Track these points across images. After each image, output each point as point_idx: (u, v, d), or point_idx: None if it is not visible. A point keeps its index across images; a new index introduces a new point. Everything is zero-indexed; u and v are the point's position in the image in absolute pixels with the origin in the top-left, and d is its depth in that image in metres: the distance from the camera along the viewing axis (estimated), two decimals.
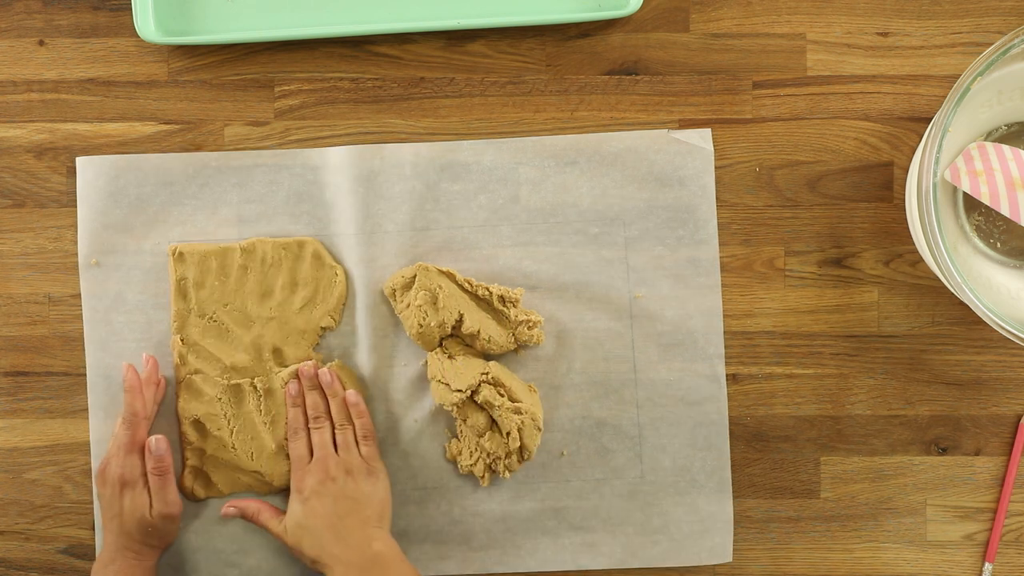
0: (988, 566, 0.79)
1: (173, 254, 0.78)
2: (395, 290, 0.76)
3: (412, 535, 0.78)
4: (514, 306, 0.77)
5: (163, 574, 0.78)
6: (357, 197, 0.78)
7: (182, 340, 0.78)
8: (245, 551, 0.78)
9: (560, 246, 0.78)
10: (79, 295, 0.79)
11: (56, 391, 0.80)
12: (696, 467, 0.78)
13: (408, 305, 0.76)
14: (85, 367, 0.79)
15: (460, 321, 0.75)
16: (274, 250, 0.78)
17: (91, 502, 0.80)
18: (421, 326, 0.75)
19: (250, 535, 0.78)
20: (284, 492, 0.78)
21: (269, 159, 0.78)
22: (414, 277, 0.76)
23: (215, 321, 0.78)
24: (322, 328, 0.78)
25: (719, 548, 0.78)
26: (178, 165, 0.78)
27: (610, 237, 0.78)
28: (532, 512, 0.79)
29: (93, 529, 0.80)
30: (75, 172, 0.79)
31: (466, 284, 0.77)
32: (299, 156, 0.78)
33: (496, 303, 0.76)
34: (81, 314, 0.79)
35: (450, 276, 0.76)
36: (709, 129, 0.78)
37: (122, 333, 0.78)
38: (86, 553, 0.80)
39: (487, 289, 0.76)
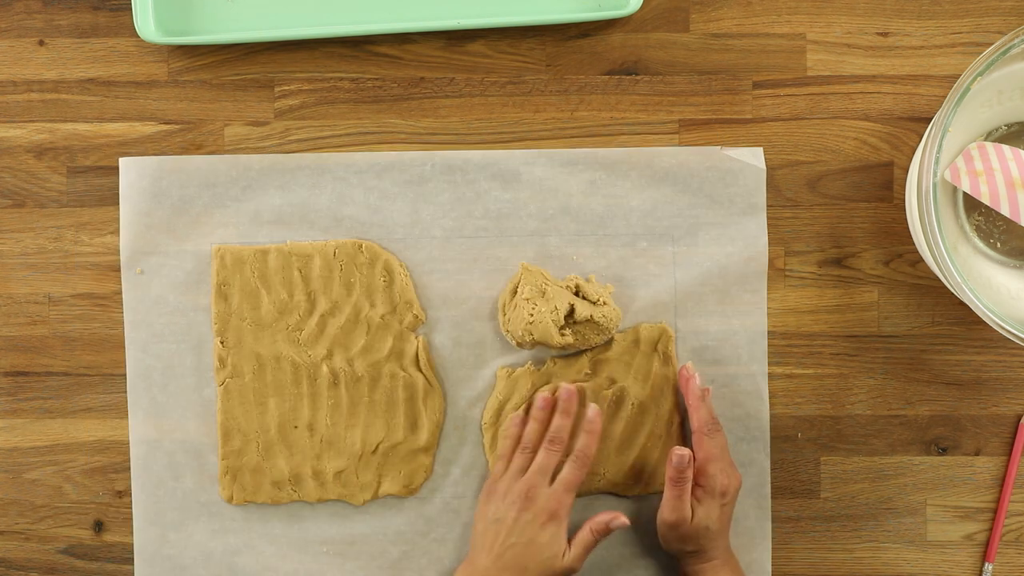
0: (988, 566, 0.79)
1: (216, 255, 0.78)
2: (504, 304, 0.77)
3: (450, 541, 0.78)
4: (605, 304, 0.76)
5: (201, 573, 0.79)
6: (406, 202, 0.78)
7: (222, 343, 0.78)
8: (283, 555, 0.78)
9: (607, 259, 0.78)
10: (79, 295, 0.79)
11: (56, 391, 0.80)
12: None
13: (515, 307, 0.75)
14: (85, 367, 0.79)
15: (572, 310, 0.75)
16: (321, 252, 0.78)
17: (91, 502, 0.80)
18: (531, 315, 0.74)
19: (289, 539, 0.78)
20: (316, 505, 0.79)
21: (312, 162, 0.78)
22: (517, 284, 0.76)
23: (256, 324, 0.78)
24: (412, 323, 0.78)
25: (756, 565, 0.78)
26: (221, 167, 0.78)
27: (658, 252, 0.78)
28: (572, 526, 0.78)
29: (93, 529, 0.80)
30: (75, 172, 0.79)
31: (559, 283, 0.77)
32: (342, 159, 0.78)
33: (590, 298, 0.76)
34: (80, 314, 0.79)
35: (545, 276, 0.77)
36: (761, 148, 0.78)
37: (162, 334, 0.78)
38: (86, 553, 0.80)
39: (577, 285, 0.77)
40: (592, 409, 0.75)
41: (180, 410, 0.78)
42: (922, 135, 0.78)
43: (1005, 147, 0.70)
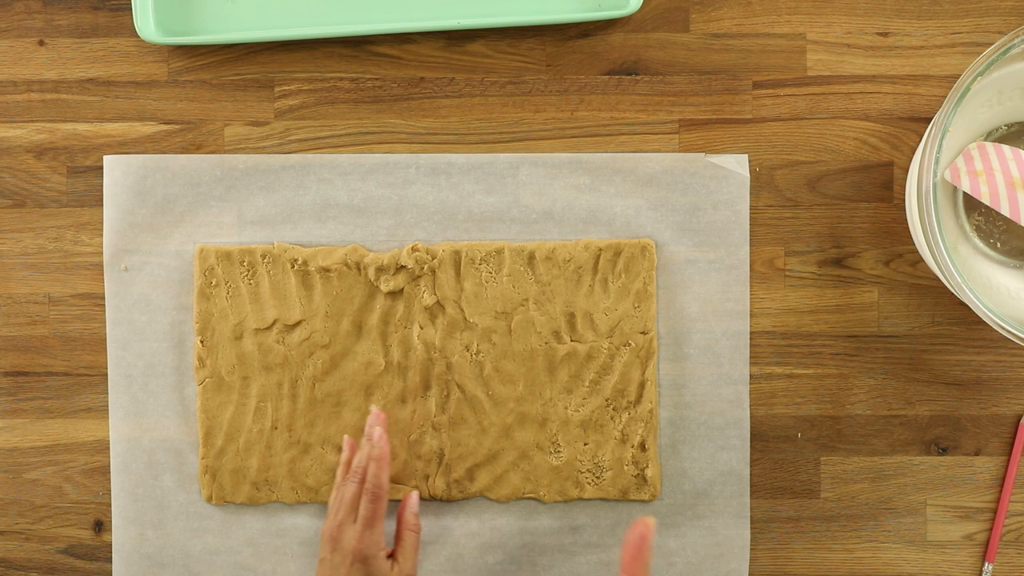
0: (988, 566, 0.79)
1: (199, 255, 0.78)
2: None
3: (429, 544, 0.78)
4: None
5: (179, 571, 0.78)
6: (389, 204, 0.78)
7: (202, 342, 0.78)
8: (262, 556, 0.78)
9: None
10: (79, 295, 0.79)
11: (56, 391, 0.80)
12: (715, 492, 0.78)
13: None
14: (85, 367, 0.79)
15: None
16: (306, 253, 0.78)
17: (91, 502, 0.80)
18: None
19: (267, 539, 0.78)
20: (296, 507, 0.79)
21: (297, 163, 0.78)
22: None
23: (238, 324, 0.78)
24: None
25: (734, 573, 0.78)
26: (206, 166, 0.78)
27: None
28: (549, 528, 0.78)
29: (93, 529, 0.80)
30: (75, 172, 0.79)
31: None
32: (327, 161, 0.78)
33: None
34: (80, 314, 0.79)
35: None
36: (746, 155, 0.78)
37: (144, 333, 0.78)
38: (86, 553, 0.80)
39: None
40: (377, 432, 0.74)
41: (160, 409, 0.78)
42: (922, 135, 0.78)
43: (1005, 147, 0.70)
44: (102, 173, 0.79)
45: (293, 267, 0.77)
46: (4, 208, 0.80)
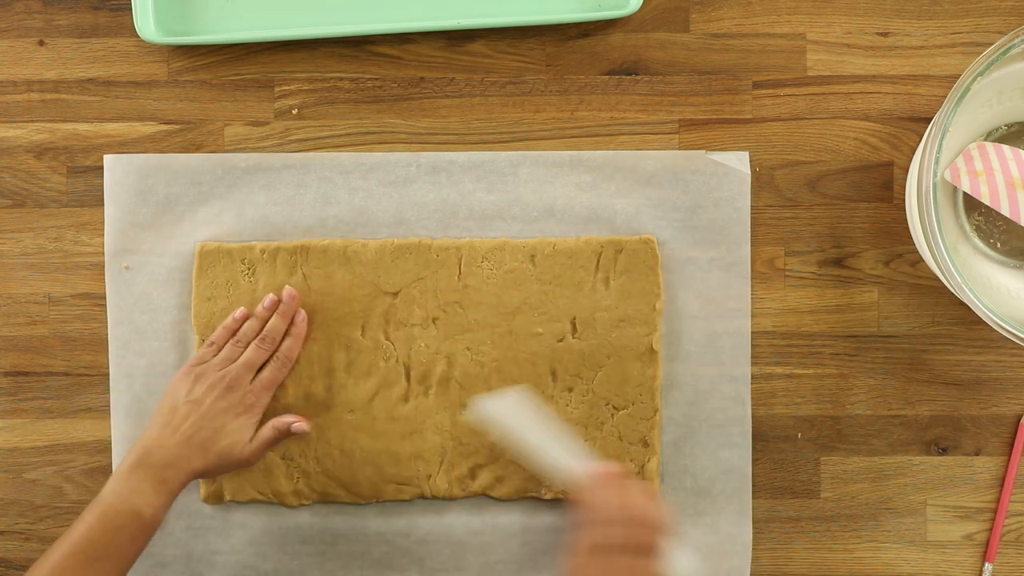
0: (988, 566, 0.79)
1: (200, 252, 0.78)
2: None
3: (431, 543, 0.79)
4: None
5: (178, 574, 0.78)
6: (390, 203, 0.78)
7: (203, 340, 0.77)
8: (263, 554, 0.78)
9: None
10: (79, 295, 0.79)
11: (56, 391, 0.80)
12: (717, 489, 0.78)
13: None
14: (85, 367, 0.79)
15: None
16: (307, 250, 0.78)
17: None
18: None
19: (268, 538, 0.78)
20: (298, 506, 0.79)
21: (298, 162, 0.78)
22: None
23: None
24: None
25: (736, 570, 0.78)
26: (207, 165, 0.78)
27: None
28: (551, 526, 0.78)
29: None
30: (75, 172, 0.79)
31: None
32: (328, 159, 0.78)
33: None
34: (80, 314, 0.79)
35: None
36: (747, 152, 0.78)
37: (145, 332, 0.78)
38: None
39: None
40: (300, 314, 0.76)
41: None
42: (922, 135, 0.78)
43: (1005, 147, 0.70)
44: (102, 173, 0.79)
45: (294, 265, 0.77)
46: (4, 208, 0.80)
